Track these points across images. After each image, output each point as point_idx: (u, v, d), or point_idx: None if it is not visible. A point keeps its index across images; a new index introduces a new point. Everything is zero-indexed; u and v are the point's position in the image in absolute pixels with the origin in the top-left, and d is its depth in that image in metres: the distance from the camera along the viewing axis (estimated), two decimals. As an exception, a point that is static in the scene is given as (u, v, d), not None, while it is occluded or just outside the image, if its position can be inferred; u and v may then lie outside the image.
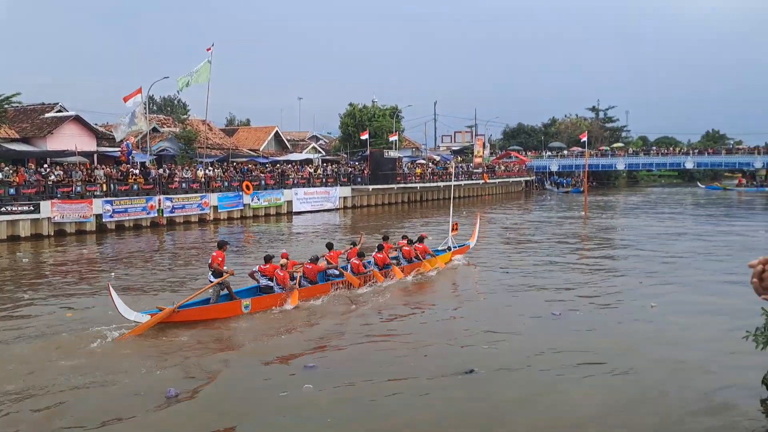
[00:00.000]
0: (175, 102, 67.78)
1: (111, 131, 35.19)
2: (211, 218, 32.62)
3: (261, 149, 49.81)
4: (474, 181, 56.02)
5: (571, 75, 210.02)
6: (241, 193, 34.46)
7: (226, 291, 12.05)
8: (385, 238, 16.19)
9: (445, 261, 17.51)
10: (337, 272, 13.84)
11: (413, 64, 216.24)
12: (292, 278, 12.82)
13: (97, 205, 27.50)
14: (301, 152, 51.82)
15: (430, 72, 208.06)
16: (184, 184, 32.12)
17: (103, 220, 27.71)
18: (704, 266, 17.80)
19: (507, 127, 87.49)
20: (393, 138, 51.96)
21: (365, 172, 44.27)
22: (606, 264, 18.95)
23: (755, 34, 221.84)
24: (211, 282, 11.89)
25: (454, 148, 78.13)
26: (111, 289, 10.58)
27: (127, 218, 28.76)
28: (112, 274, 16.92)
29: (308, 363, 9.16)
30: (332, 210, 39.87)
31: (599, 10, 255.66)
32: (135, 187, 29.62)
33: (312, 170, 42.27)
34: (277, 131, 54.21)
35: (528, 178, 67.80)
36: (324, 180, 41.29)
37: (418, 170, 50.43)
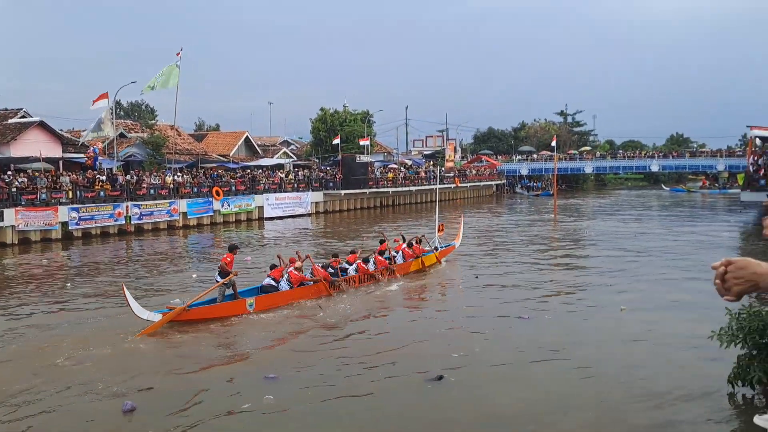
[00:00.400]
0: (143, 107, 66.89)
1: (77, 138, 34.52)
2: (181, 225, 32.18)
3: (231, 154, 49.31)
4: (446, 185, 56.32)
5: (539, 80, 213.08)
6: (210, 199, 34.07)
7: (230, 291, 12.66)
8: (382, 242, 17.32)
9: (432, 261, 18.27)
10: (341, 273, 14.75)
11: (384, 69, 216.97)
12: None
13: (63, 213, 26.94)
14: (272, 157, 51.46)
15: (401, 77, 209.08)
16: (152, 191, 31.62)
17: (69, 227, 27.14)
18: (670, 268, 18.12)
19: (478, 131, 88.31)
20: (365, 143, 51.95)
21: (337, 177, 44.17)
22: (575, 267, 19.21)
23: (717, 41, 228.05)
24: (218, 282, 12.47)
25: (425, 153, 78.50)
26: (125, 289, 11.08)
27: (93, 226, 28.21)
28: (68, 284, 16.40)
29: (269, 374, 8.93)
30: (304, 215, 39.68)
31: (567, 17, 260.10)
32: (102, 193, 29.08)
33: (283, 175, 42.01)
34: (247, 136, 53.74)
35: (499, 182, 68.40)
36: (296, 185, 41.07)
37: (390, 175, 50.51)
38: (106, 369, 9.18)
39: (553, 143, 46.30)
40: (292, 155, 56.73)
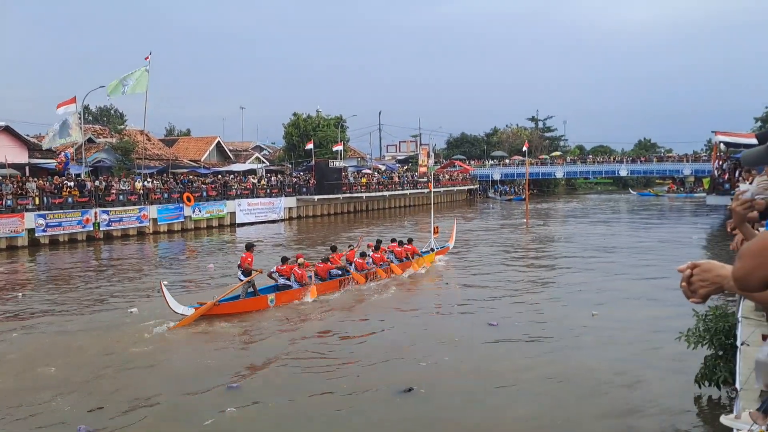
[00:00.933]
0: (112, 112, 65.78)
1: (43, 142, 33.80)
2: (151, 231, 31.69)
3: (202, 160, 48.81)
4: (419, 190, 56.51)
5: (510, 86, 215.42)
6: (181, 204, 33.64)
7: (251, 288, 13.56)
8: (379, 242, 18.01)
9: (430, 260, 19.50)
10: (340, 272, 15.57)
11: (357, 75, 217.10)
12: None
13: (29, 219, 26.33)
14: (244, 162, 51.08)
15: (375, 82, 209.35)
16: (121, 197, 31.12)
17: (36, 234, 26.55)
18: (640, 271, 18.42)
19: (450, 136, 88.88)
20: (338, 148, 51.90)
21: (310, 182, 44.00)
22: (547, 272, 19.32)
23: (682, 49, 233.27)
24: (242, 280, 13.45)
25: (399, 158, 78.68)
26: (163, 286, 12.11)
27: (61, 232, 27.62)
28: (20, 294, 15.80)
29: (232, 383, 8.75)
30: (277, 221, 39.41)
31: (537, 24, 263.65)
32: (69, 200, 28.51)
33: (256, 181, 41.70)
34: (219, 141, 53.26)
35: (472, 187, 68.88)
36: (268, 190, 40.79)
37: (364, 180, 50.51)
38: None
39: (525, 149, 46.73)
40: (264, 160, 56.38)
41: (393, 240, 18.92)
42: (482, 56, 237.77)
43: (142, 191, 32.29)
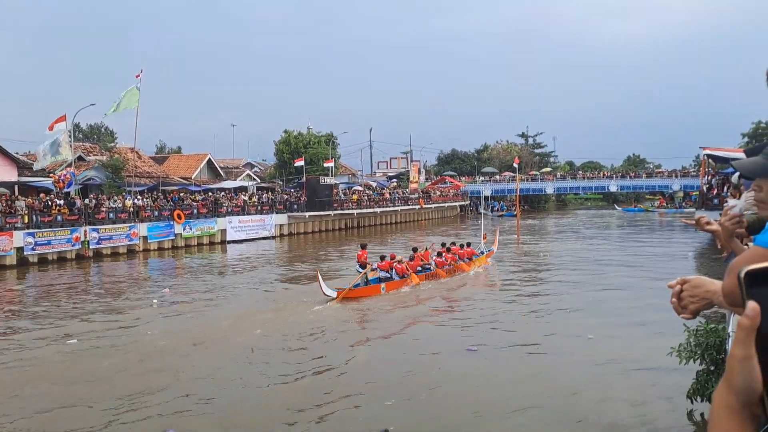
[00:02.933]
0: (102, 130, 65.69)
1: (34, 161, 33.62)
2: (141, 249, 31.51)
3: (193, 177, 48.72)
4: (410, 207, 56.57)
5: (501, 102, 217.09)
6: (172, 222, 33.49)
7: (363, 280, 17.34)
8: (444, 245, 21.72)
9: (483, 261, 22.97)
10: (424, 269, 19.54)
11: (348, 91, 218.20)
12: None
13: (18, 238, 26.12)
14: (235, 180, 51.00)
15: (365, 99, 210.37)
16: (111, 214, 30.95)
17: (25, 253, 26.33)
18: (631, 285, 18.46)
19: (441, 153, 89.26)
20: (329, 164, 51.96)
21: (301, 199, 43.97)
22: (538, 292, 18.60)
23: (671, 65, 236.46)
24: (360, 272, 17.61)
25: (390, 174, 78.87)
26: (319, 274, 16.59)
27: (50, 251, 27.41)
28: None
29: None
30: (268, 238, 39.29)
31: (527, 41, 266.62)
32: (59, 218, 28.32)
33: (246, 198, 41.62)
34: (210, 158, 53.24)
35: (463, 203, 69.05)
36: (259, 207, 40.70)
37: (355, 196, 50.52)
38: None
39: (515, 164, 47.06)
40: (255, 177, 56.33)
41: (453, 244, 22.37)
42: (472, 73, 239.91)
43: (132, 209, 32.13)
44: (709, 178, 33.33)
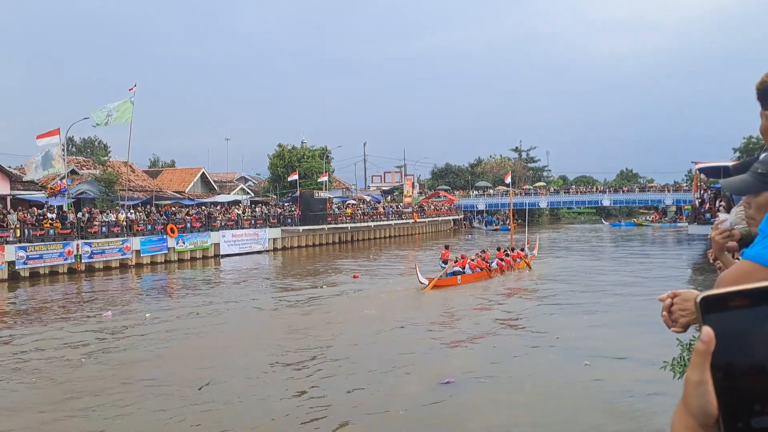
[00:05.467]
0: (96, 143, 65.65)
1: (24, 174, 33.53)
2: (134, 263, 31.34)
3: (187, 191, 48.62)
4: (404, 221, 56.59)
5: (494, 116, 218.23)
6: (165, 236, 33.36)
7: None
8: (500, 248, 26.29)
9: (528, 263, 26.65)
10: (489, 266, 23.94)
11: (342, 106, 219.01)
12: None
13: (10, 252, 25.95)
14: (229, 194, 50.92)
15: (360, 113, 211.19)
16: (104, 228, 30.80)
17: (16, 267, 26.14)
18: (625, 299, 18.44)
19: (435, 167, 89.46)
20: (323, 179, 52.01)
21: (295, 213, 43.92)
22: (528, 310, 17.36)
23: (663, 81, 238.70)
24: (443, 268, 22.25)
25: (384, 188, 78.96)
26: (417, 265, 21.90)
27: (42, 265, 27.23)
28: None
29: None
30: (262, 252, 39.17)
31: (520, 56, 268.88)
32: (51, 232, 28.17)
33: (240, 212, 41.54)
34: (203, 172, 53.17)
35: (456, 217, 69.12)
36: (253, 221, 40.61)
37: (349, 210, 50.52)
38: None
39: (507, 180, 47.20)
40: (249, 191, 56.29)
41: (512, 249, 27.19)
42: (466, 87, 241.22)
43: (125, 223, 32.00)
44: (701, 192, 33.53)
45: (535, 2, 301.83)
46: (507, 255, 25.55)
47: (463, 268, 22.33)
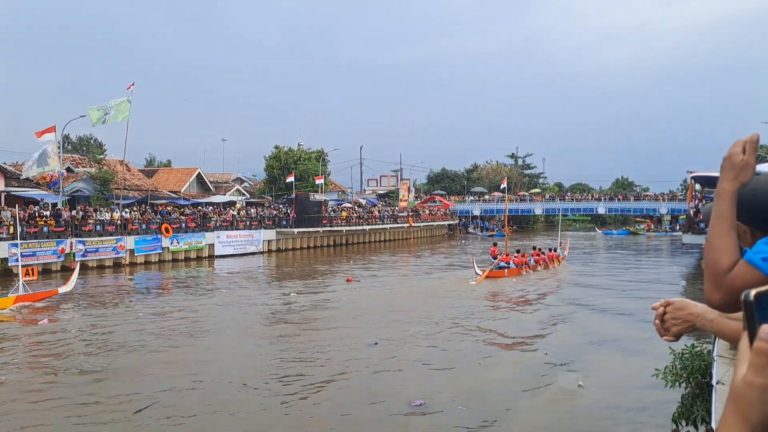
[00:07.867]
0: (92, 141, 65.49)
1: (20, 171, 33.40)
2: (127, 262, 31.23)
3: (182, 191, 48.50)
4: (399, 225, 56.58)
5: (491, 123, 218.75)
6: (159, 235, 33.25)
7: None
8: (534, 247, 30.25)
9: (561, 261, 30.32)
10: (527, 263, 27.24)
11: (340, 109, 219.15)
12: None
13: (3, 249, 25.83)
14: (224, 194, 50.84)
15: (356, 116, 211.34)
16: (98, 227, 30.69)
17: (9, 264, 26.02)
18: (620, 308, 18.45)
19: (431, 171, 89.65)
20: (319, 181, 51.98)
21: (290, 214, 43.86)
22: (519, 323, 16.07)
23: (659, 89, 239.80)
24: (493, 262, 25.89)
25: (379, 192, 79.01)
26: (474, 259, 25.82)
27: (35, 262, 27.06)
28: None
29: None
30: (256, 253, 39.09)
31: (517, 63, 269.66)
32: (45, 229, 28.05)
33: (235, 212, 41.46)
34: (199, 173, 53.06)
35: (452, 222, 69.14)
36: (248, 223, 40.53)
37: (344, 213, 50.49)
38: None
39: (503, 186, 47.32)
40: (245, 192, 56.20)
41: (550, 249, 30.60)
42: (463, 93, 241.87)
43: (119, 221, 31.89)
44: (696, 202, 33.64)
45: (534, 10, 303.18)
46: (542, 253, 28.97)
47: (508, 263, 26.07)
